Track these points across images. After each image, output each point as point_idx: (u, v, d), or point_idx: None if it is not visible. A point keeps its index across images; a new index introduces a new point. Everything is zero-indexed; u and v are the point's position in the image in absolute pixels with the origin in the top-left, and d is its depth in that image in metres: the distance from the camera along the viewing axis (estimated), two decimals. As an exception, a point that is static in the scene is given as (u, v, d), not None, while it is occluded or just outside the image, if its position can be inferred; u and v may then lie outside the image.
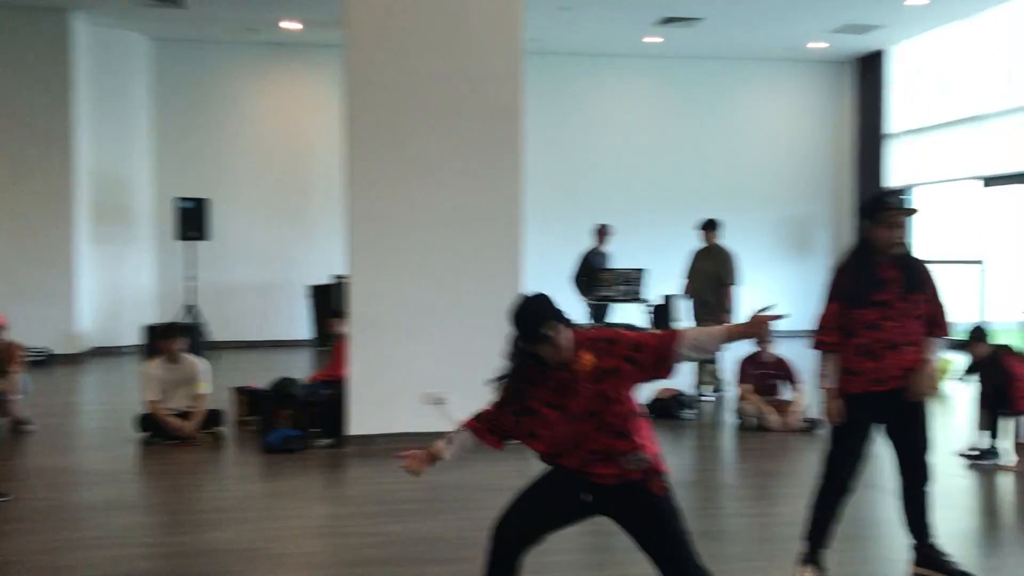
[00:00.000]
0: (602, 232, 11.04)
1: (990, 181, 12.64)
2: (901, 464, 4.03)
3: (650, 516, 3.04)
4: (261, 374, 8.85)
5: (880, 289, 3.85)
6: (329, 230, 13.20)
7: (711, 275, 8.78)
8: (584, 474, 3.07)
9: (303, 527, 5.02)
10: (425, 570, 4.27)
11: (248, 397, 7.69)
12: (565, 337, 3.05)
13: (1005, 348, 6.47)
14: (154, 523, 5.20)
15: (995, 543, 4.86)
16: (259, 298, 13.81)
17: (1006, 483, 5.91)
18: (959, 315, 13.35)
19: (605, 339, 3.08)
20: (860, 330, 3.86)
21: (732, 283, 8.73)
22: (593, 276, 10.01)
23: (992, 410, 6.36)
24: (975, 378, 6.57)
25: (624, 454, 3.02)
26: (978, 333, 6.56)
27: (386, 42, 6.88)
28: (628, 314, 10.63)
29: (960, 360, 6.78)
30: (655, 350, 3.02)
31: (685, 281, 9.10)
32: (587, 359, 3.02)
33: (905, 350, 3.85)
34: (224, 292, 13.53)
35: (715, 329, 3.09)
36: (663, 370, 3.03)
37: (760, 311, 2.96)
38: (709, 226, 9.05)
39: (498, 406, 3.20)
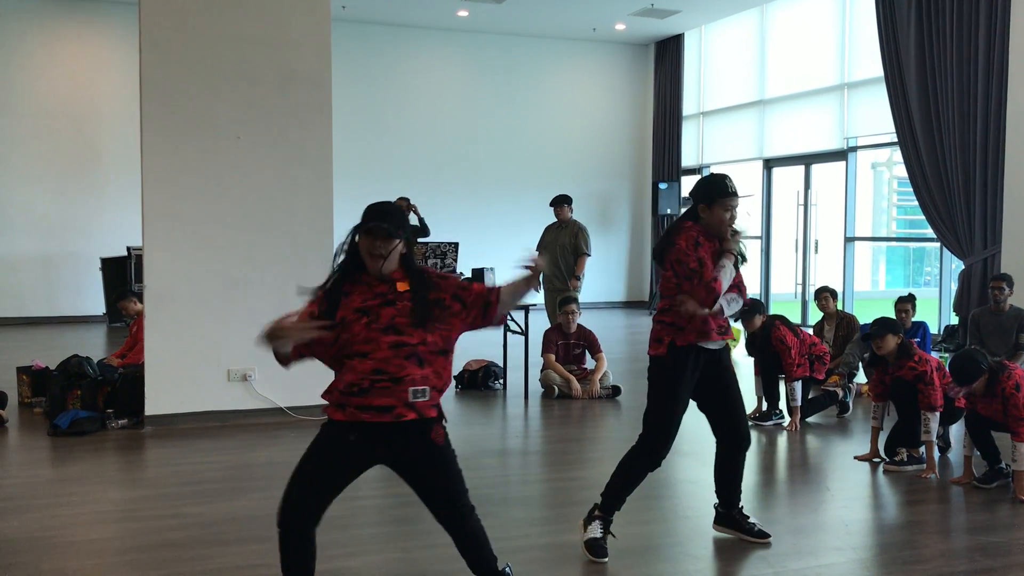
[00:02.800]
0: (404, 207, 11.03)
1: (770, 162, 13.65)
2: (721, 430, 4.22)
3: (428, 461, 3.12)
4: (48, 352, 8.31)
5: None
6: (123, 199, 12.47)
7: (565, 247, 9.31)
8: (360, 411, 3.04)
9: (96, 512, 4.78)
10: (233, 550, 4.18)
11: (33, 377, 7.20)
12: (398, 251, 3.10)
13: (777, 319, 7.02)
14: (-75, 516, 4.80)
15: (771, 496, 5.31)
16: (44, 271, 12.89)
17: (782, 442, 6.46)
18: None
19: (437, 274, 3.22)
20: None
21: (588, 253, 9.32)
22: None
23: (768, 378, 6.93)
24: (754, 348, 7.12)
25: (414, 383, 3.03)
26: (751, 306, 7.06)
27: (183, 2, 6.55)
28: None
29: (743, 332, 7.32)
30: (480, 294, 3.18)
31: (535, 253, 9.37)
32: (401, 285, 3.09)
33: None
34: (4, 265, 12.54)
35: (511, 283, 3.22)
36: (487, 316, 3.17)
37: (528, 262, 3.15)
38: (563, 200, 9.49)
39: (312, 312, 3.09)
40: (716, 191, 4.02)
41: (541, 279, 10.50)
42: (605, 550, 4.01)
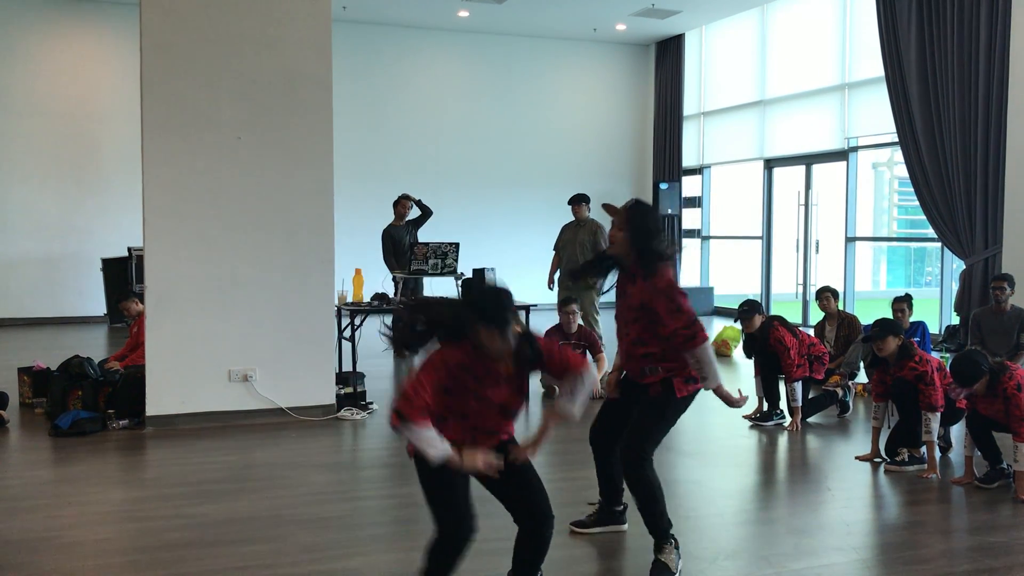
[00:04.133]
0: (402, 206, 10.98)
1: (771, 163, 13.64)
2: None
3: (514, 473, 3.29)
4: (49, 353, 8.31)
5: None
6: (125, 200, 12.47)
7: (584, 245, 9.28)
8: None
9: (98, 513, 4.78)
10: (234, 550, 4.18)
11: (35, 378, 7.20)
12: (513, 335, 3.17)
13: (776, 320, 7.01)
14: (-73, 516, 4.80)
15: (771, 496, 5.30)
16: (45, 272, 12.89)
17: (782, 442, 6.46)
18: (747, 288, 14.28)
19: (536, 344, 3.27)
20: None
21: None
22: (400, 250, 10.01)
23: (768, 378, 6.92)
24: (752, 349, 7.10)
25: (508, 434, 3.33)
26: (750, 307, 7.06)
27: (184, 3, 6.56)
28: (440, 288, 10.70)
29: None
30: (563, 368, 3.35)
31: (553, 254, 9.68)
32: (508, 368, 3.20)
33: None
34: (3, 265, 12.55)
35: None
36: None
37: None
38: (581, 199, 9.47)
39: (421, 382, 3.06)
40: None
41: (557, 278, 10.53)
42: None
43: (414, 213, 10.40)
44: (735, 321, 7.37)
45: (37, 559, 4.06)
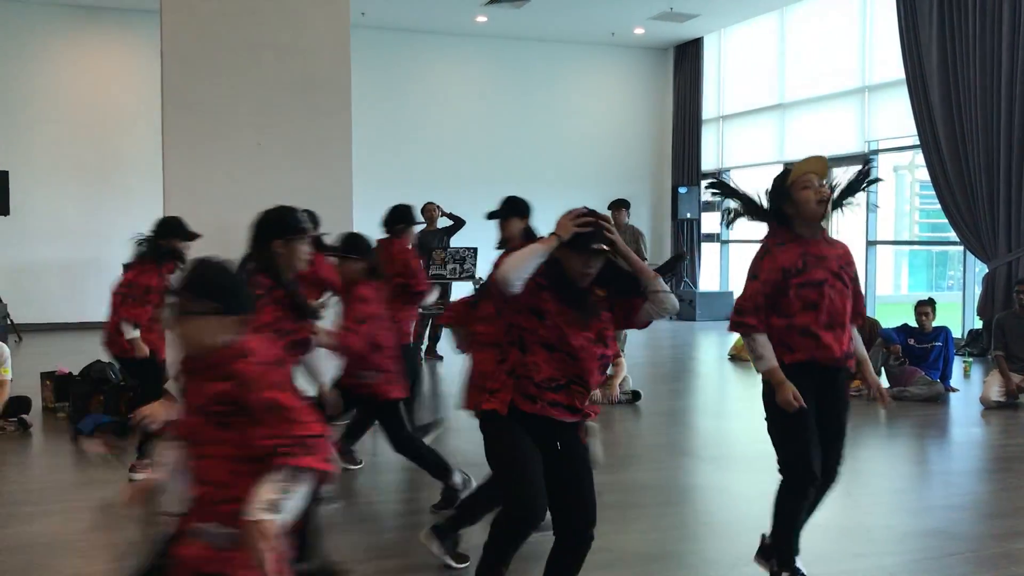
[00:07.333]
0: (430, 211, 11.02)
1: (790, 166, 13.56)
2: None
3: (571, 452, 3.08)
4: (71, 358, 8.37)
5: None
6: (146, 205, 12.53)
7: None
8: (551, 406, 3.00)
9: (118, 516, 4.81)
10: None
11: (57, 382, 7.26)
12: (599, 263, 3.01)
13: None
14: (-49, 520, 4.85)
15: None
16: (68, 277, 13.00)
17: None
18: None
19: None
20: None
21: (646, 259, 9.19)
22: (427, 256, 10.04)
23: None
24: None
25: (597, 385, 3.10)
26: None
27: (204, 10, 6.61)
28: (460, 292, 10.71)
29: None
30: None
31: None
32: (600, 291, 3.04)
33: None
34: (27, 271, 12.67)
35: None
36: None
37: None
38: (621, 204, 9.34)
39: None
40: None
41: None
42: None
43: (446, 220, 10.35)
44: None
45: (58, 562, 4.09)
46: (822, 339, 3.44)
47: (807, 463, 3.52)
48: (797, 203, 3.48)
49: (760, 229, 3.73)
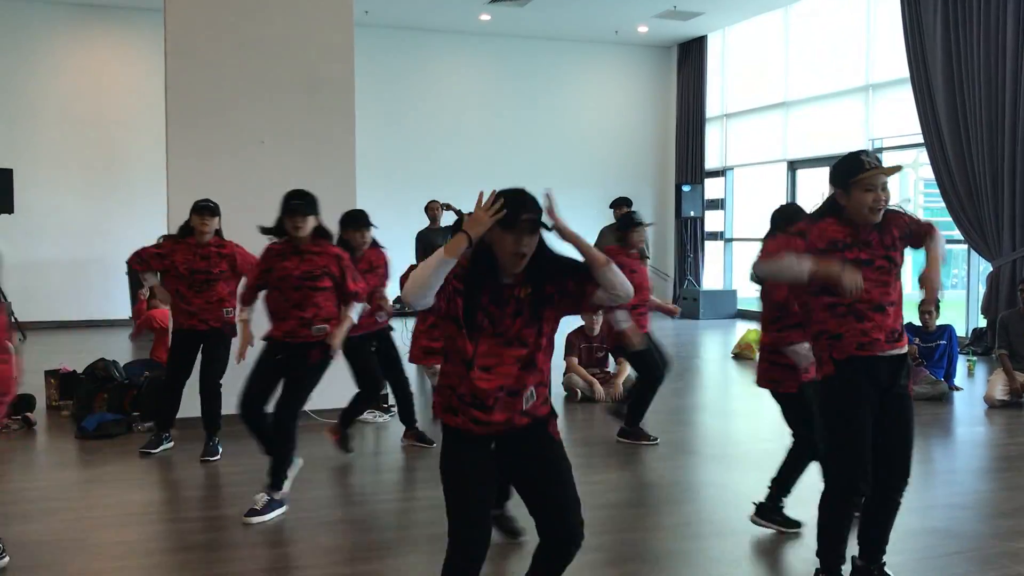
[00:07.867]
0: (433, 209, 11.04)
1: (795, 164, 13.56)
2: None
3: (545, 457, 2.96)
4: (75, 356, 8.40)
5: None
6: (150, 203, 12.56)
7: None
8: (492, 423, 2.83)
9: (123, 514, 4.82)
10: (260, 552, 4.20)
11: (61, 380, 7.28)
12: (535, 242, 2.77)
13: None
14: (-44, 517, 4.86)
15: (805, 500, 5.26)
16: (71, 275, 13.03)
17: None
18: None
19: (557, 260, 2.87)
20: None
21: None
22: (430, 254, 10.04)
23: None
24: None
25: (528, 389, 2.83)
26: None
27: (208, 8, 6.62)
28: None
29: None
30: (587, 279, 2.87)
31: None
32: (525, 289, 2.81)
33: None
34: (31, 269, 12.69)
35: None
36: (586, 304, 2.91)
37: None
38: (623, 202, 9.51)
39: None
40: (852, 168, 3.44)
41: None
42: None
43: (451, 218, 10.35)
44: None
45: (63, 560, 4.10)
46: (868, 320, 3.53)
47: (851, 479, 3.48)
48: (852, 199, 3.45)
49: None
